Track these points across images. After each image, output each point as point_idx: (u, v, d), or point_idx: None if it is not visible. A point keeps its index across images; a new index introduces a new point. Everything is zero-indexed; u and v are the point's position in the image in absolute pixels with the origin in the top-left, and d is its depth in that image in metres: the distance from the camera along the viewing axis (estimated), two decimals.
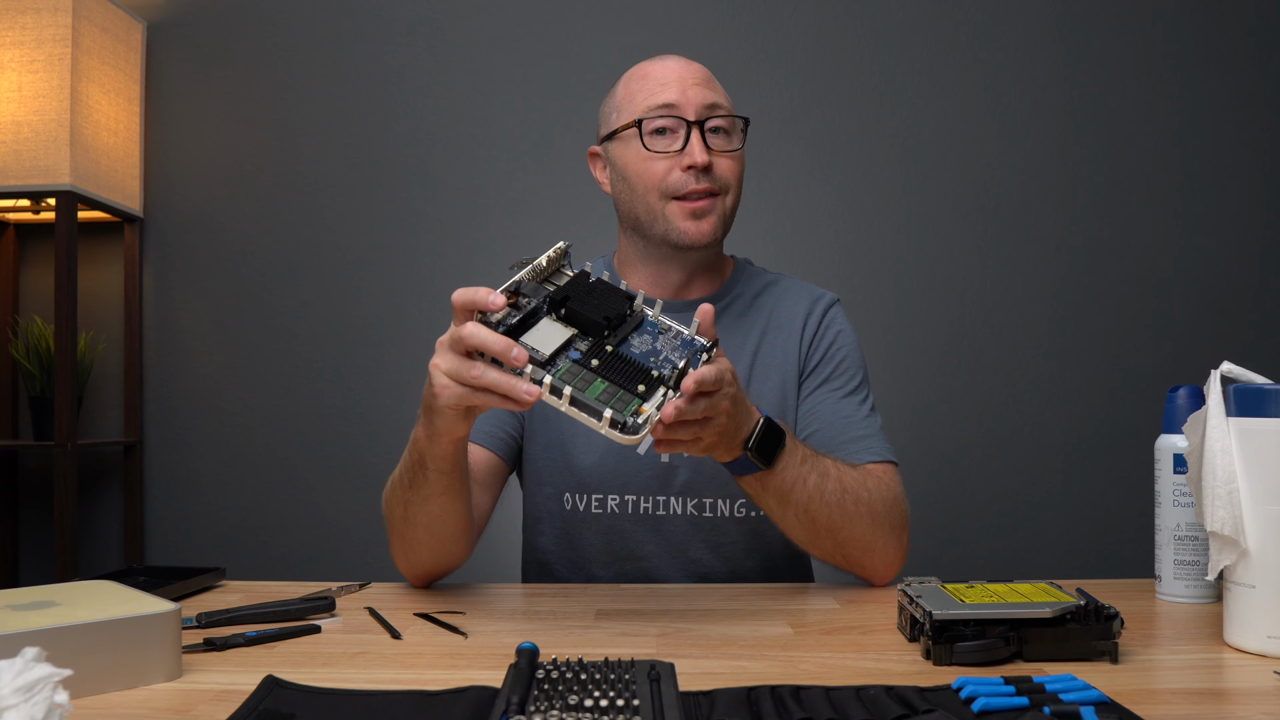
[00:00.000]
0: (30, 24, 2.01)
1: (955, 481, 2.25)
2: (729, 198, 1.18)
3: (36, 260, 2.30)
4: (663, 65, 1.19)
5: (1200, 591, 1.00)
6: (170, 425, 2.28)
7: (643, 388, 0.83)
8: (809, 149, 2.28)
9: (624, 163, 1.19)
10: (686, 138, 1.14)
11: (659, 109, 1.15)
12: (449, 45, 2.29)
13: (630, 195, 1.19)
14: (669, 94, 1.15)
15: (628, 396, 0.82)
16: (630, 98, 1.19)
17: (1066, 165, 2.29)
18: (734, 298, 1.26)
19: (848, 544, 1.07)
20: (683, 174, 1.15)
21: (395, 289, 2.27)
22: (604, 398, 0.81)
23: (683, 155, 1.14)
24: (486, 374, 0.80)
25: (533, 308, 0.87)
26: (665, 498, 1.19)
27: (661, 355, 0.88)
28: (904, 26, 2.29)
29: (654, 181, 1.16)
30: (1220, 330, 2.28)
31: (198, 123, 2.30)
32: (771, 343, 1.23)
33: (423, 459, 0.94)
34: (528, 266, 0.88)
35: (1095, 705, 0.63)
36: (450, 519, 1.01)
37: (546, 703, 0.62)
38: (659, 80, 1.17)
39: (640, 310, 0.91)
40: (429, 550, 1.04)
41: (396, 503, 1.02)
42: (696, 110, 1.15)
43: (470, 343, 0.80)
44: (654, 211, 1.17)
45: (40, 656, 0.52)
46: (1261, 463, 0.79)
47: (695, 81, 1.17)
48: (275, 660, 0.79)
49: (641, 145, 1.16)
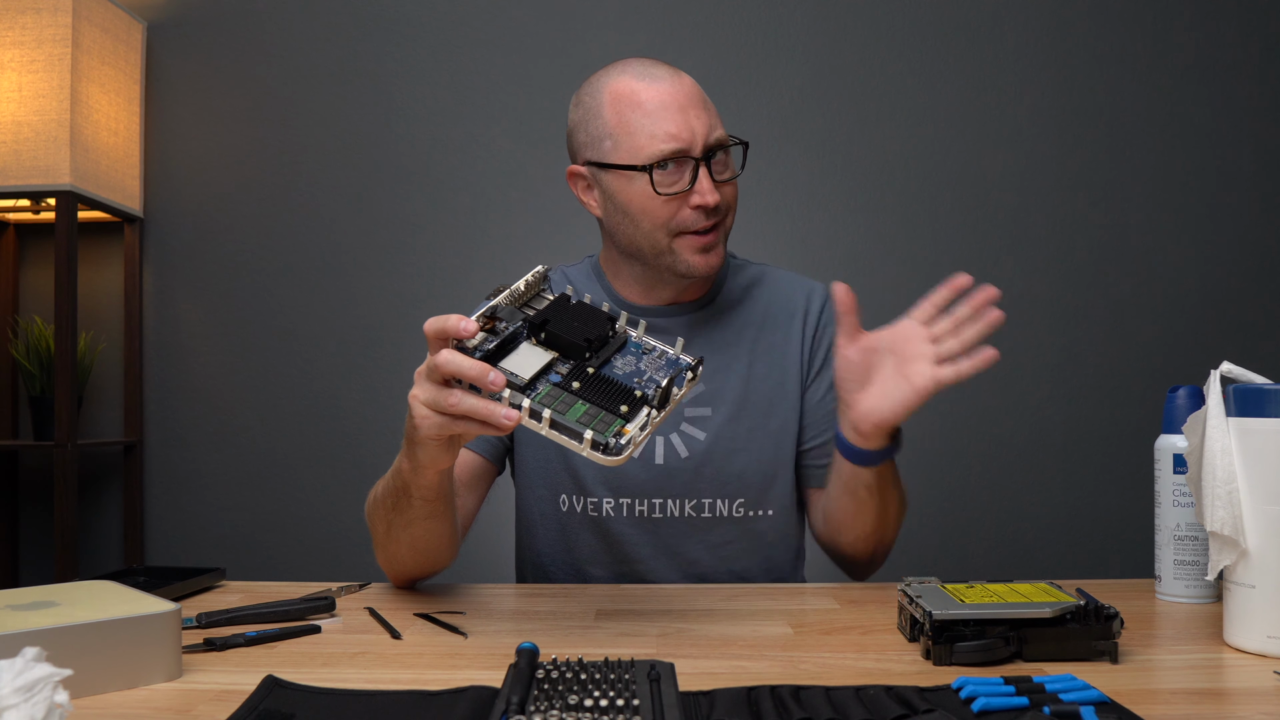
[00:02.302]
0: (30, 24, 2.01)
1: (955, 481, 2.25)
2: (729, 220, 1.17)
3: (36, 260, 2.30)
4: (655, 89, 1.12)
5: (1200, 591, 1.00)
6: (170, 425, 2.28)
7: (625, 408, 0.81)
8: (809, 149, 2.28)
9: (626, 199, 1.14)
10: (694, 175, 1.11)
11: (670, 154, 1.10)
12: (449, 45, 2.29)
13: (633, 229, 1.15)
14: (673, 129, 1.10)
15: (610, 418, 0.81)
16: (626, 129, 1.12)
17: (1066, 165, 2.29)
18: (724, 295, 1.25)
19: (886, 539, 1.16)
20: (692, 212, 1.12)
21: (395, 288, 2.27)
22: (585, 419, 0.80)
23: (691, 194, 1.11)
24: (464, 400, 0.79)
25: (511, 332, 0.86)
26: (662, 499, 1.18)
27: (645, 375, 0.86)
28: (904, 26, 2.29)
29: (661, 220, 1.12)
30: (1220, 330, 2.28)
31: (198, 123, 2.30)
32: (770, 336, 1.23)
33: (407, 488, 0.93)
34: (504, 292, 0.87)
35: (1095, 705, 0.63)
36: (434, 537, 1.01)
37: (546, 703, 0.62)
38: (657, 109, 1.11)
39: (623, 331, 0.90)
40: (413, 561, 1.04)
41: (379, 520, 1.02)
42: (703, 146, 1.11)
43: (446, 370, 0.79)
44: (659, 246, 1.14)
45: (40, 656, 0.52)
46: (1261, 463, 0.79)
47: (693, 107, 1.12)
48: (275, 660, 0.79)
49: (651, 188, 1.11)
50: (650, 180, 1.10)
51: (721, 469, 1.18)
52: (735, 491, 1.18)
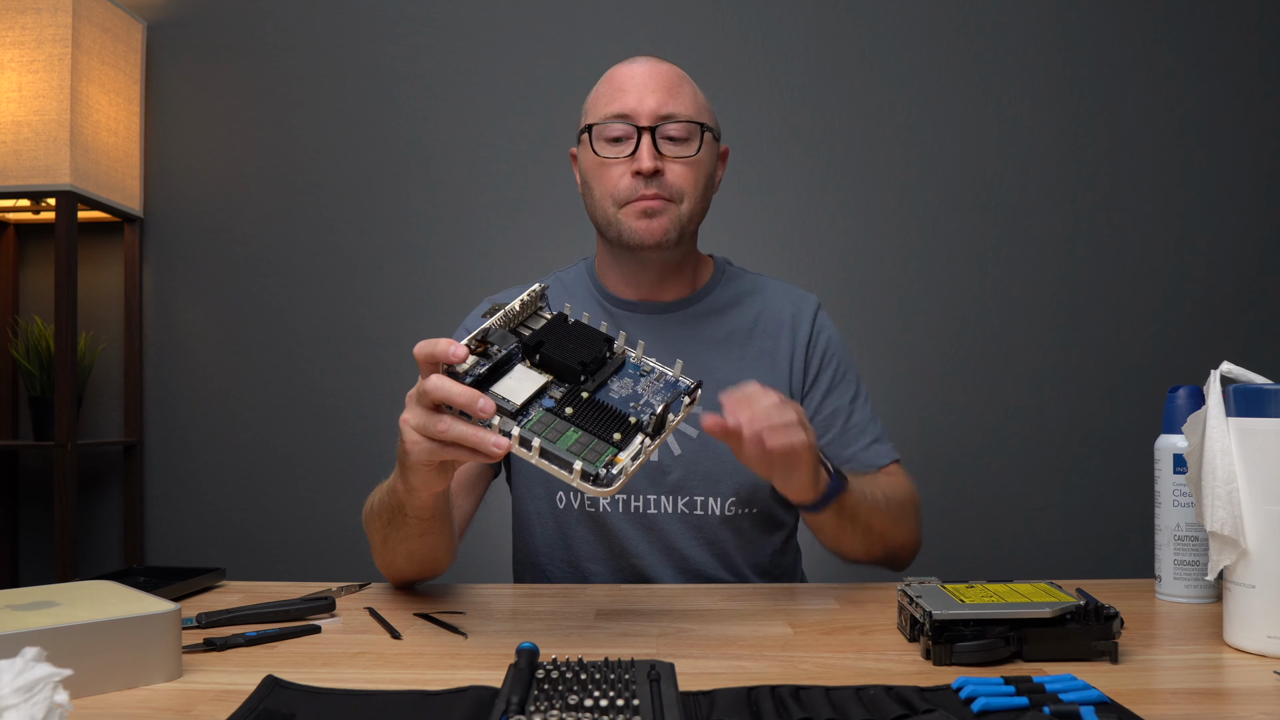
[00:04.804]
0: (30, 24, 2.01)
1: (955, 481, 2.25)
2: (685, 205, 1.17)
3: (36, 260, 2.30)
4: (629, 70, 1.19)
5: (1200, 591, 1.00)
6: (170, 425, 2.28)
7: (619, 435, 0.79)
8: (808, 149, 2.28)
9: (585, 166, 1.21)
10: (637, 144, 1.15)
11: (612, 116, 1.16)
12: (449, 45, 2.29)
13: (590, 199, 1.21)
14: (625, 100, 1.16)
15: (602, 446, 0.78)
16: (595, 101, 1.20)
17: (1066, 165, 2.29)
18: (713, 300, 1.26)
19: (893, 543, 1.13)
20: (633, 180, 1.15)
21: (395, 288, 2.27)
22: (575, 448, 0.78)
23: (632, 161, 1.15)
24: (454, 427, 0.78)
25: (506, 354, 0.84)
26: (656, 496, 1.19)
27: (642, 400, 0.84)
28: (904, 27, 2.29)
29: (608, 188, 1.17)
30: (1220, 330, 2.28)
31: (198, 123, 2.30)
32: (760, 342, 1.24)
33: (402, 507, 0.93)
34: (499, 313, 0.85)
35: (1095, 705, 0.63)
36: (430, 549, 1.01)
37: (546, 703, 0.62)
38: (620, 85, 1.17)
39: (621, 352, 0.88)
40: (410, 570, 1.05)
41: (375, 531, 1.02)
42: (650, 117, 1.15)
43: (435, 396, 0.78)
44: (608, 217, 1.18)
45: (40, 656, 0.52)
46: (1261, 463, 0.79)
47: (655, 87, 1.16)
48: (275, 660, 0.79)
49: (594, 151, 1.17)
50: (591, 141, 1.17)
51: (713, 467, 1.19)
52: (727, 490, 1.19)
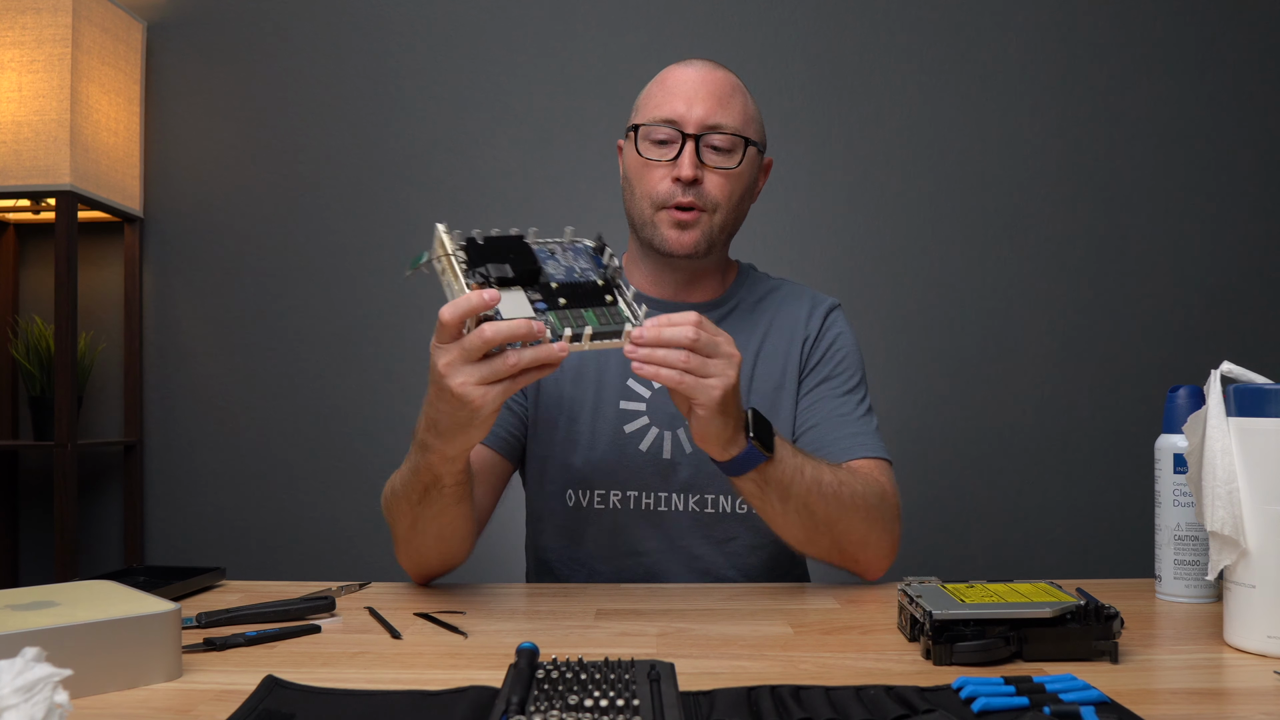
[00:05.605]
0: (30, 24, 2.01)
1: (955, 481, 2.25)
2: (718, 216, 1.18)
3: (36, 260, 2.30)
4: (683, 73, 1.19)
5: (1200, 591, 1.00)
6: (170, 425, 2.28)
7: (608, 297, 0.91)
8: (809, 149, 2.28)
9: (628, 164, 1.22)
10: (680, 150, 1.16)
11: (660, 120, 1.17)
12: (449, 45, 2.29)
13: (630, 196, 1.22)
14: (674, 105, 1.16)
15: (609, 310, 0.90)
16: (645, 101, 1.21)
17: (1066, 165, 2.29)
18: (736, 302, 1.27)
19: (844, 538, 1.07)
20: (672, 185, 1.16)
21: (395, 288, 2.27)
22: (604, 321, 0.88)
23: (674, 167, 1.16)
24: (521, 355, 0.83)
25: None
26: (667, 493, 1.19)
27: (578, 267, 0.94)
28: (904, 27, 2.29)
29: (648, 189, 1.18)
30: (1220, 330, 2.28)
31: (198, 123, 2.30)
32: (773, 346, 1.25)
33: (438, 479, 0.96)
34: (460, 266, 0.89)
35: (1095, 705, 0.63)
36: (458, 524, 1.03)
37: (546, 703, 0.62)
38: (671, 90, 1.18)
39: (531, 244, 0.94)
40: (437, 554, 1.07)
41: (402, 515, 1.03)
42: (697, 125, 1.15)
43: (499, 338, 0.83)
44: (644, 217, 1.19)
45: (40, 656, 0.52)
46: (1261, 463, 0.79)
47: (706, 96, 1.16)
48: (275, 660, 0.79)
49: (637, 151, 1.18)
50: (636, 142, 1.18)
51: None
52: None
